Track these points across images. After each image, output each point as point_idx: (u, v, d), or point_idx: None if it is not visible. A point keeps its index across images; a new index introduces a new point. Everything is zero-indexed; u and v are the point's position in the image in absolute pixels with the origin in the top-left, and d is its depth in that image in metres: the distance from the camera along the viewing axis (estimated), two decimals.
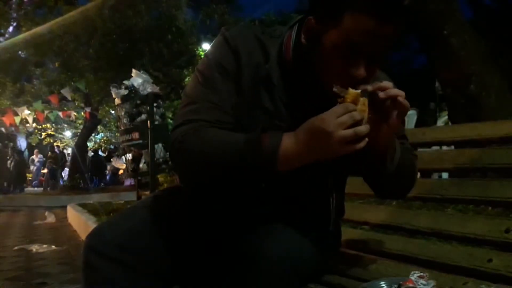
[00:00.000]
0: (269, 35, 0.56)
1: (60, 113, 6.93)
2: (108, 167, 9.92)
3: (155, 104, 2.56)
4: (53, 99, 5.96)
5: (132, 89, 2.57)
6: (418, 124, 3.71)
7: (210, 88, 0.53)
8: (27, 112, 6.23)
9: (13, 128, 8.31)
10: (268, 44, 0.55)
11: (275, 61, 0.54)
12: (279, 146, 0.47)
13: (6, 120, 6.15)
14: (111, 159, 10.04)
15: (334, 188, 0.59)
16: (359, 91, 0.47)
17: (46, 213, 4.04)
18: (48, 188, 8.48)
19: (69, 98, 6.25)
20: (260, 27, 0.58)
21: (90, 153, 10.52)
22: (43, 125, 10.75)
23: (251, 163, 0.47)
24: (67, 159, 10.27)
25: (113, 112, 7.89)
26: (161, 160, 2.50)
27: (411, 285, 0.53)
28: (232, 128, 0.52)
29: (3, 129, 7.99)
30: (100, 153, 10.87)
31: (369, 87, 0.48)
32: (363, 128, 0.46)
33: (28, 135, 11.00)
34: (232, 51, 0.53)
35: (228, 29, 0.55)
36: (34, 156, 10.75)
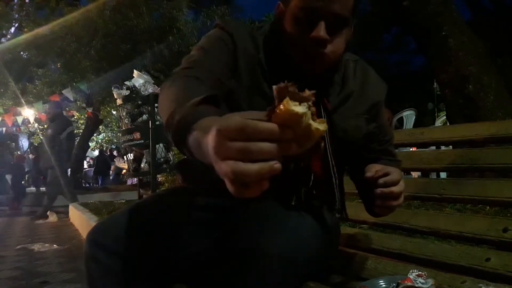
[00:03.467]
0: (256, 31, 0.60)
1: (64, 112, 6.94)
2: (112, 167, 9.95)
3: (156, 105, 2.57)
4: (55, 100, 5.98)
5: (133, 90, 2.59)
6: (417, 124, 3.73)
7: (205, 53, 0.55)
8: (29, 112, 6.25)
9: (14, 128, 8.34)
10: (257, 37, 0.58)
11: (262, 50, 0.57)
12: (194, 123, 0.36)
13: (8, 120, 6.19)
14: (114, 159, 10.09)
15: (336, 174, 0.59)
16: (300, 110, 0.28)
17: (48, 212, 4.05)
18: (7, 208, 4.85)
19: (71, 99, 6.28)
20: (250, 26, 0.62)
21: (95, 153, 10.48)
22: (45, 125, 10.76)
23: (171, 126, 0.40)
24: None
25: (114, 112, 7.90)
26: (162, 160, 2.51)
27: (409, 283, 0.53)
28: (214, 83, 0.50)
29: (3, 130, 8.02)
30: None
31: (369, 174, 0.46)
32: (263, 146, 0.28)
33: (30, 135, 11.04)
34: (229, 33, 0.56)
35: (223, 20, 0.59)
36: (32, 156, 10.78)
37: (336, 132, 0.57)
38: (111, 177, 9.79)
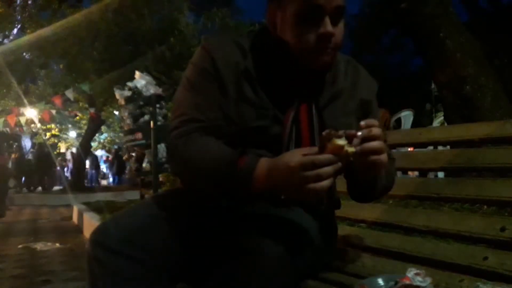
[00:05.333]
0: (246, 36, 0.60)
1: (66, 112, 6.96)
2: (128, 167, 10.01)
3: (157, 105, 2.59)
4: (56, 101, 6.02)
5: (135, 91, 2.61)
6: (414, 124, 3.72)
7: (195, 90, 0.58)
8: (32, 112, 6.28)
9: (17, 129, 8.39)
10: (245, 43, 0.59)
11: (251, 55, 0.58)
12: (254, 170, 0.50)
13: (11, 120, 6.23)
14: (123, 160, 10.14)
15: None
16: (342, 143, 0.47)
17: (50, 212, 4.07)
18: None
19: (72, 99, 6.31)
20: (239, 32, 0.62)
21: (97, 153, 10.44)
22: (48, 126, 10.85)
23: (228, 183, 0.51)
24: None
25: (116, 113, 7.92)
26: (163, 159, 2.53)
27: (408, 282, 0.54)
28: (220, 123, 0.56)
29: (7, 130, 8.06)
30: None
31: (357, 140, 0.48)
32: (328, 169, 0.46)
33: (33, 135, 11.10)
34: (209, 54, 0.57)
35: (207, 38, 0.60)
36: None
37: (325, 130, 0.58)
38: (127, 177, 9.86)
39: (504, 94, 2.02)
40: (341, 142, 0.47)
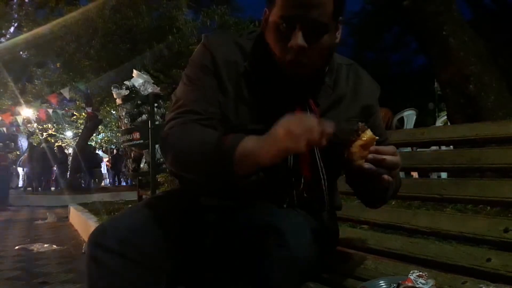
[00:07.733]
0: (246, 38, 0.60)
1: (63, 111, 6.93)
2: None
3: (155, 104, 2.56)
4: (53, 99, 5.98)
5: (133, 90, 2.58)
6: (417, 124, 3.72)
7: (194, 85, 0.58)
8: (28, 111, 6.24)
9: (14, 128, 8.33)
10: (245, 45, 0.59)
11: (251, 57, 0.58)
12: (237, 146, 0.48)
13: (7, 119, 6.18)
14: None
15: (325, 176, 0.60)
16: (376, 137, 0.50)
17: (47, 213, 4.05)
18: None
19: (68, 98, 6.27)
20: (238, 32, 0.64)
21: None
22: (44, 125, 10.77)
23: (212, 162, 0.50)
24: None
25: (114, 112, 7.89)
26: (161, 160, 2.51)
27: (410, 284, 0.53)
28: (218, 119, 0.56)
29: (4, 129, 8.00)
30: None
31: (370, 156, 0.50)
32: (329, 128, 0.47)
33: (30, 135, 11.04)
34: (209, 51, 0.58)
35: (207, 36, 0.60)
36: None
37: None
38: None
39: (508, 93, 2.01)
40: (374, 136, 0.50)
